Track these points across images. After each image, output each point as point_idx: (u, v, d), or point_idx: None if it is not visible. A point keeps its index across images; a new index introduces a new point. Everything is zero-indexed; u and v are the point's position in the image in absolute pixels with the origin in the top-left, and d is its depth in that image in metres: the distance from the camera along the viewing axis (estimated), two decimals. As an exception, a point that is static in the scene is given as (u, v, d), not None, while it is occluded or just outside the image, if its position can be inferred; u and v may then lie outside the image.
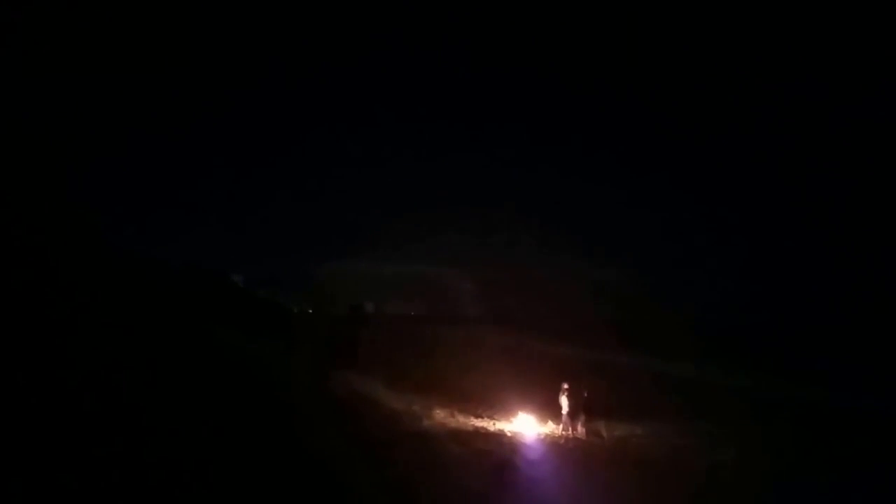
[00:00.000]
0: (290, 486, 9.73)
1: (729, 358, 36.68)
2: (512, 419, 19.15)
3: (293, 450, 11.34)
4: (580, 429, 17.82)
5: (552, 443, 17.23)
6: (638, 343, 39.82)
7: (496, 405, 20.46)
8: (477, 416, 19.33)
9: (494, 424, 18.60)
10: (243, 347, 20.07)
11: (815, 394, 25.84)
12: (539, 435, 17.95)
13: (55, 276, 13.99)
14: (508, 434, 17.60)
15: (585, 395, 18.03)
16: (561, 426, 18.12)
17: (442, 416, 18.69)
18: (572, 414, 17.91)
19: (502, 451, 15.55)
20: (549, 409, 19.08)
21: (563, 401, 17.94)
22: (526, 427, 18.45)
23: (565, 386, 18.05)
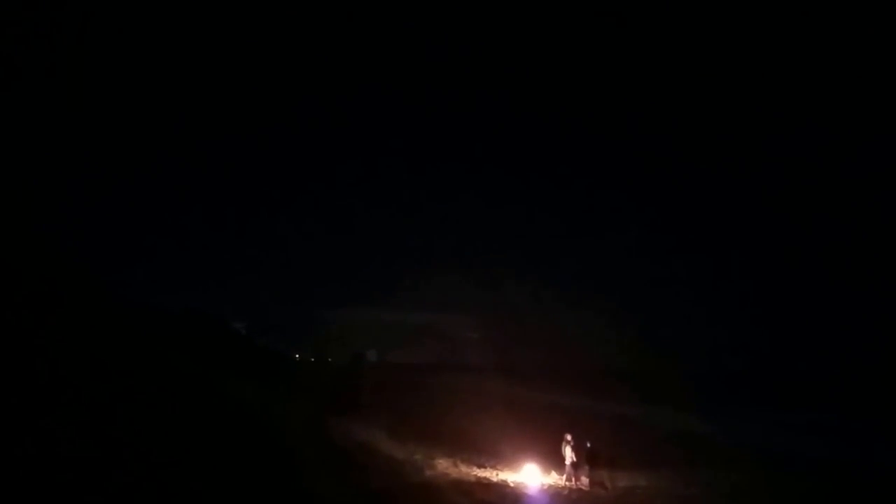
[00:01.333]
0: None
1: (731, 409, 36.42)
2: (515, 469, 18.93)
3: (293, 500, 11.27)
4: (584, 479, 17.60)
5: (556, 494, 17.00)
6: (641, 394, 39.61)
7: (499, 455, 20.28)
8: (480, 466, 19.12)
9: (497, 475, 18.39)
10: (243, 395, 19.98)
11: (820, 446, 25.61)
12: (542, 485, 17.72)
13: (56, 325, 14.12)
14: (511, 484, 17.37)
15: (588, 445, 17.87)
16: (564, 476, 17.91)
17: (444, 466, 18.46)
18: (576, 464, 17.71)
19: (505, 502, 15.34)
20: (552, 460, 18.90)
21: (567, 451, 17.77)
22: (529, 477, 18.21)
23: (568, 437, 17.92)
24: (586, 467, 17.72)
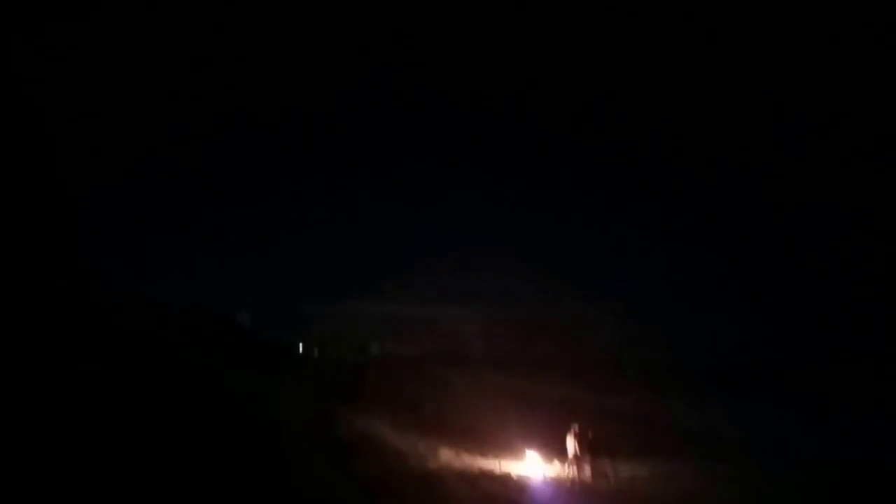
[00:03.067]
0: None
1: (736, 402, 36.43)
2: (518, 460, 19.05)
3: (298, 491, 11.37)
4: (586, 470, 17.70)
5: (559, 484, 17.14)
6: (644, 386, 39.66)
7: (502, 446, 20.38)
8: (483, 457, 19.26)
9: (501, 465, 18.51)
10: (247, 388, 20.13)
11: (824, 437, 25.65)
12: (545, 476, 17.86)
13: (56, 320, 14.21)
14: (515, 475, 17.50)
15: (591, 436, 17.97)
16: (567, 467, 18.01)
17: (448, 457, 18.62)
18: (579, 455, 17.81)
19: (509, 492, 15.46)
20: (555, 451, 19.00)
21: (570, 442, 17.86)
22: (532, 468, 18.35)
23: (575, 428, 17.97)
24: (589, 458, 17.83)
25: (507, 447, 20.23)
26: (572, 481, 17.35)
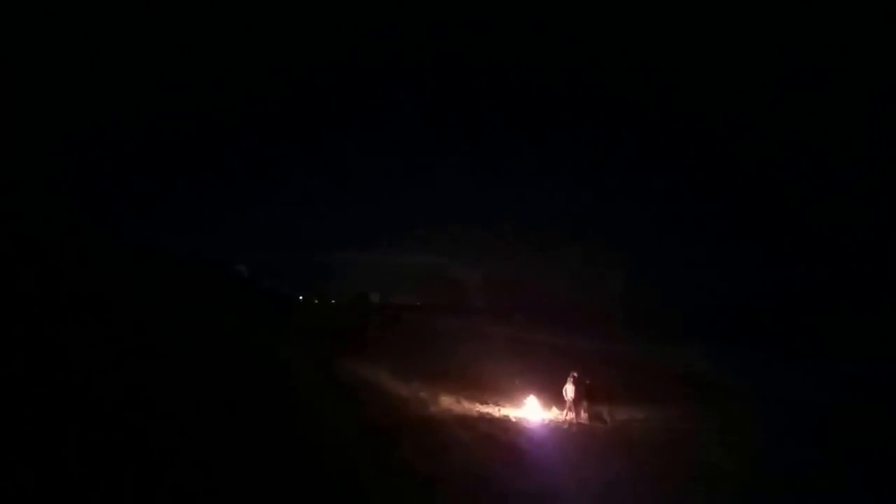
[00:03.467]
0: (298, 470, 9.94)
1: (730, 347, 36.96)
2: (517, 405, 19.43)
3: (300, 435, 11.58)
4: (583, 414, 18.09)
5: (556, 427, 17.51)
6: (640, 333, 40.19)
7: (501, 392, 20.76)
8: (482, 403, 19.61)
9: (500, 410, 18.87)
10: (249, 336, 20.30)
11: (817, 383, 26.11)
12: (543, 420, 18.24)
13: (59, 267, 14.23)
14: (513, 419, 17.86)
15: (588, 382, 18.30)
16: (565, 411, 18.39)
17: (448, 403, 18.94)
18: (576, 400, 18.16)
19: (507, 435, 15.79)
20: (552, 396, 19.36)
21: (568, 388, 18.17)
22: (530, 413, 18.73)
23: (574, 374, 18.25)
24: (586, 403, 18.20)
25: (505, 393, 20.61)
26: (570, 424, 17.73)
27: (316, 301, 52.42)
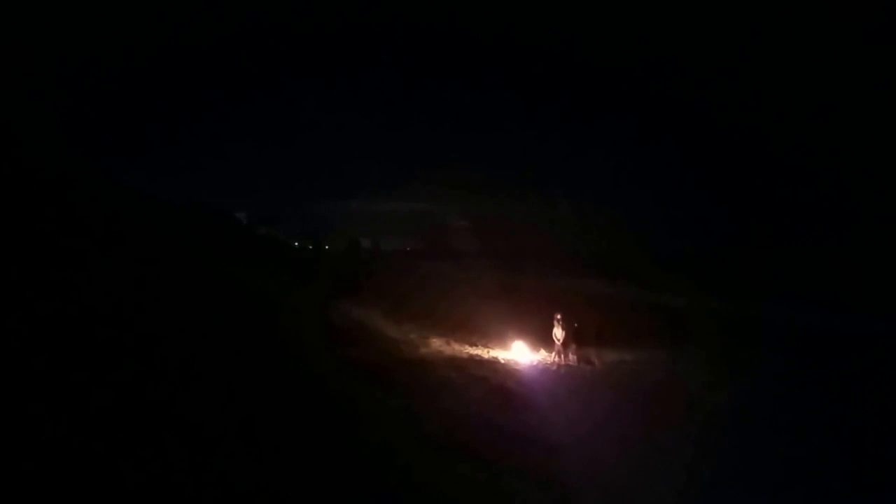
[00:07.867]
0: (295, 409, 10.17)
1: (715, 285, 37.42)
2: (506, 348, 19.79)
3: (298, 375, 11.80)
4: (572, 356, 18.46)
5: (545, 369, 17.88)
6: (628, 276, 40.59)
7: (490, 335, 21.08)
8: (472, 345, 19.96)
9: (489, 353, 19.22)
10: (246, 281, 20.43)
11: (807, 317, 26.66)
12: (532, 362, 18.61)
13: (57, 215, 14.12)
14: (502, 361, 18.21)
15: (576, 325, 18.61)
16: (553, 353, 18.74)
17: (438, 345, 19.28)
18: (565, 343, 18.49)
19: (497, 376, 16.12)
20: (541, 339, 19.70)
21: (557, 331, 18.48)
22: (519, 355, 19.09)
23: (558, 316, 18.55)
24: (574, 345, 18.56)
25: (495, 336, 20.94)
26: (558, 365, 18.12)
27: (310, 247, 52.58)
